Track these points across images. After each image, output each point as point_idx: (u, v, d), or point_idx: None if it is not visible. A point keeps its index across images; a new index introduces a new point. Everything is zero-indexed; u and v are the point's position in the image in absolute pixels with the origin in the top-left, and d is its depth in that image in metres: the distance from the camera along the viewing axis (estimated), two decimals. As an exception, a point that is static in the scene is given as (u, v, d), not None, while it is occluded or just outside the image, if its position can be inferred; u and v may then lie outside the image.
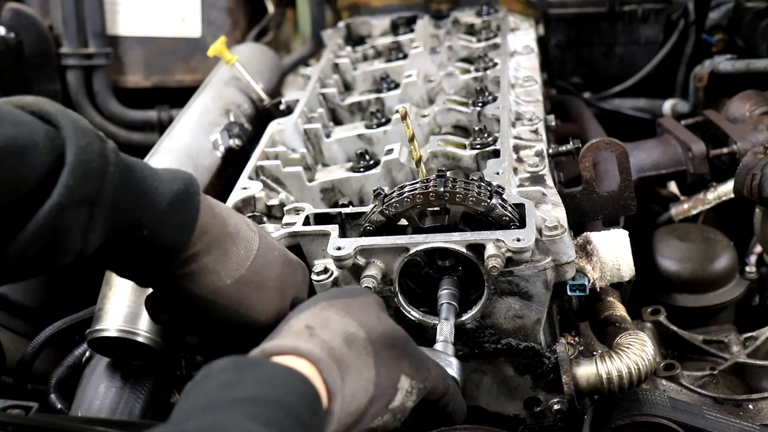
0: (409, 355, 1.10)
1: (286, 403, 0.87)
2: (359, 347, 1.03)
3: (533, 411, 1.41)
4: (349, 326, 1.04)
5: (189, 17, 2.99)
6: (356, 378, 1.01)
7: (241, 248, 1.21)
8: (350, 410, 1.00)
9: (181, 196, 1.13)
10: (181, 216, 1.14)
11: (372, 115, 1.87)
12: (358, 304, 1.09)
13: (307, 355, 0.96)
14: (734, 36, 2.72)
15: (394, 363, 1.07)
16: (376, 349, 1.05)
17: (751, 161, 1.76)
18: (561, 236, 1.30)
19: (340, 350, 1.00)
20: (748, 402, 1.55)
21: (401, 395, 1.07)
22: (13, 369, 1.63)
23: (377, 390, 1.03)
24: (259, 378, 0.89)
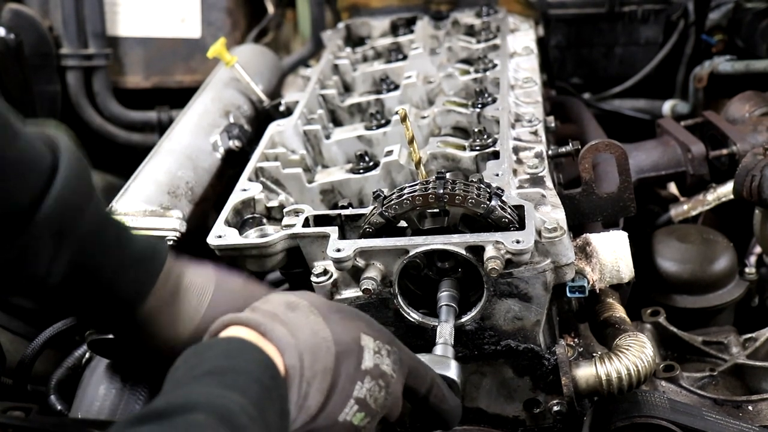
0: (362, 318, 1.11)
1: (243, 368, 0.92)
2: (303, 310, 1.06)
3: (533, 412, 1.41)
4: (289, 298, 1.08)
5: (189, 18, 2.99)
6: (310, 335, 1.02)
7: (193, 299, 1.21)
8: (317, 368, 1.00)
9: (147, 253, 1.18)
10: (143, 271, 1.17)
11: (372, 117, 1.87)
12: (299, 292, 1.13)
13: (247, 321, 1.02)
14: (734, 37, 2.72)
15: (347, 321, 1.07)
16: (322, 311, 1.07)
17: (750, 162, 1.76)
18: (560, 238, 1.31)
19: (284, 314, 1.04)
20: (748, 403, 1.55)
21: (369, 354, 1.05)
22: (13, 370, 1.63)
23: (339, 346, 1.03)
24: (216, 353, 0.95)
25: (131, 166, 1.82)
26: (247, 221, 1.57)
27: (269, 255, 1.43)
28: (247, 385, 0.89)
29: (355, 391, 1.03)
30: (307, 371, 1.00)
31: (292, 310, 1.05)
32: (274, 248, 1.42)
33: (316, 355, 1.01)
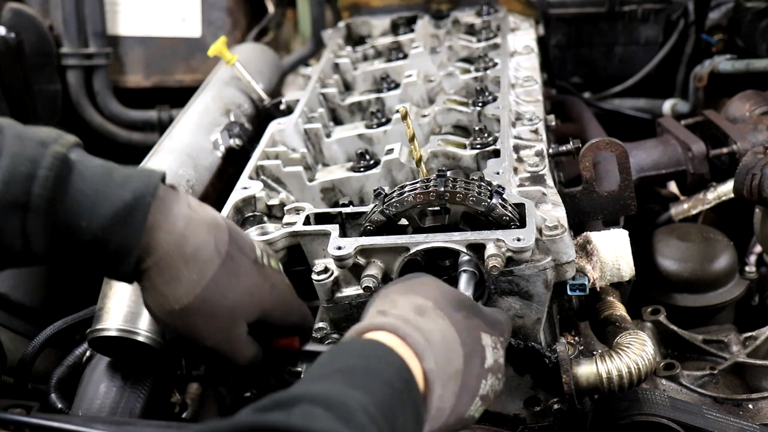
0: (479, 313, 1.14)
1: (373, 369, 0.94)
2: (431, 315, 1.07)
3: (533, 410, 1.41)
4: (415, 300, 1.08)
5: (189, 17, 2.99)
6: (442, 340, 1.04)
7: (194, 273, 1.14)
8: (450, 371, 1.04)
9: (126, 208, 1.09)
10: (125, 228, 1.09)
11: (372, 115, 1.87)
12: (418, 282, 1.14)
13: (385, 326, 1.02)
14: (734, 36, 2.72)
15: (469, 321, 1.10)
16: (447, 313, 1.08)
17: (750, 161, 1.76)
18: (561, 236, 1.31)
19: (415, 320, 1.04)
20: (748, 401, 1.56)
21: (490, 352, 1.10)
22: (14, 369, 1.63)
23: (466, 348, 1.07)
24: (349, 353, 0.98)
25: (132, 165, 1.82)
26: (248, 219, 1.57)
27: (270, 253, 1.43)
28: (375, 386, 0.91)
29: (480, 389, 1.08)
30: (442, 375, 1.02)
31: (421, 315, 1.06)
32: (274, 246, 1.42)
33: (449, 358, 1.04)
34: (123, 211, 1.08)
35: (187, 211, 1.16)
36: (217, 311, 1.17)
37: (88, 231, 1.07)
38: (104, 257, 1.10)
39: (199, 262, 1.15)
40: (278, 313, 1.27)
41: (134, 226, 1.09)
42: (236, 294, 1.18)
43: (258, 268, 1.23)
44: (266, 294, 1.23)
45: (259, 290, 1.22)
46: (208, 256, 1.15)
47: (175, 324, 1.18)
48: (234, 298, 1.18)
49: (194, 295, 1.15)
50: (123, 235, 1.09)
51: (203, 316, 1.17)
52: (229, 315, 1.19)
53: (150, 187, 1.11)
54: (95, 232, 1.08)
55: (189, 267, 1.14)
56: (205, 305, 1.16)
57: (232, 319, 1.20)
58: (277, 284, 1.27)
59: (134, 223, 1.09)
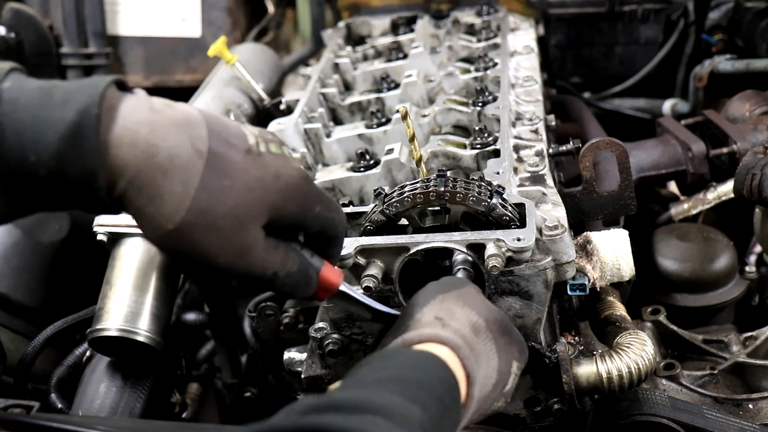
0: (516, 340, 1.16)
1: (428, 384, 0.92)
2: (483, 336, 1.09)
3: (533, 410, 1.41)
4: (471, 316, 1.09)
5: (189, 17, 2.99)
6: (486, 365, 1.07)
7: (176, 183, 0.96)
8: (482, 395, 1.06)
9: (72, 127, 0.91)
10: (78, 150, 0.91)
11: (372, 115, 1.87)
12: (468, 294, 1.14)
13: (448, 342, 1.02)
14: (734, 36, 2.72)
15: (508, 349, 1.13)
16: (495, 336, 1.10)
17: (750, 161, 1.76)
18: (561, 236, 1.31)
19: (471, 339, 1.06)
20: (748, 401, 1.56)
21: (512, 379, 1.14)
22: (14, 368, 1.63)
23: (499, 375, 1.10)
24: (404, 363, 0.96)
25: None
26: (248, 219, 1.57)
27: (270, 253, 1.43)
28: (429, 401, 0.90)
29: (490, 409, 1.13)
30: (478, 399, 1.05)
31: (476, 335, 1.08)
32: (274, 246, 1.42)
33: (485, 384, 1.07)
34: (69, 132, 0.91)
35: (148, 115, 0.97)
36: (218, 221, 0.98)
37: (41, 165, 0.91)
38: (71, 191, 0.94)
39: (179, 169, 0.96)
40: (293, 205, 1.05)
41: (87, 147, 0.91)
42: (234, 195, 0.99)
43: (253, 158, 1.02)
44: (269, 186, 1.02)
45: (260, 183, 1.01)
46: (186, 161, 0.96)
47: (178, 247, 0.99)
48: (233, 201, 0.99)
49: (185, 209, 0.96)
50: (79, 160, 0.92)
51: (202, 229, 0.98)
52: (234, 221, 0.99)
53: (94, 97, 0.93)
54: (48, 164, 0.91)
55: (169, 178, 0.95)
56: (201, 217, 0.97)
57: (239, 226, 1.00)
58: (282, 172, 1.04)
59: (86, 142, 0.91)
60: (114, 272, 1.55)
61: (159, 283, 1.55)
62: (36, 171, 0.92)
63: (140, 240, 1.59)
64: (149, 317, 1.50)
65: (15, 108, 0.92)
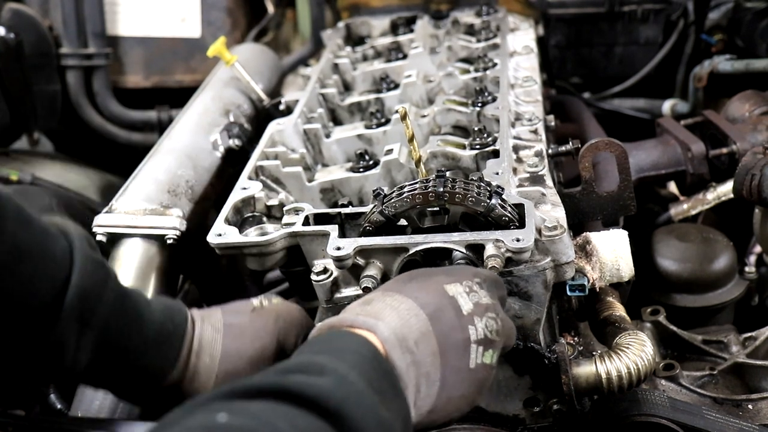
0: (438, 272, 1.14)
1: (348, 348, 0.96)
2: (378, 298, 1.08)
3: (533, 411, 1.41)
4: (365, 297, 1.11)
5: (189, 17, 2.99)
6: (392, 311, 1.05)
7: (206, 357, 1.26)
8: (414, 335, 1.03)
9: (168, 326, 1.22)
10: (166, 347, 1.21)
11: (372, 116, 1.87)
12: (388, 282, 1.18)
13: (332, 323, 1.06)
14: (734, 36, 2.72)
15: (424, 283, 1.10)
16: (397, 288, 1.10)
17: (750, 161, 1.76)
18: (560, 236, 1.31)
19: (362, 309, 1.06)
20: (748, 402, 1.55)
21: (464, 299, 1.09)
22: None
23: (427, 308, 1.06)
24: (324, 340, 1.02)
25: (131, 166, 1.82)
26: (247, 220, 1.57)
27: (269, 253, 1.43)
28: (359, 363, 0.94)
29: (471, 335, 1.06)
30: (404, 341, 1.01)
31: (368, 304, 1.08)
32: (274, 246, 1.42)
33: (408, 325, 1.03)
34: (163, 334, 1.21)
35: None
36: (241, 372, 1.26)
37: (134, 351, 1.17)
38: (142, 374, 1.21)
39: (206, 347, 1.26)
40: (293, 335, 1.34)
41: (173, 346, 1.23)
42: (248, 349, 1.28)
43: (257, 313, 1.33)
44: (271, 328, 1.32)
45: (264, 329, 1.31)
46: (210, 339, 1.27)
47: None
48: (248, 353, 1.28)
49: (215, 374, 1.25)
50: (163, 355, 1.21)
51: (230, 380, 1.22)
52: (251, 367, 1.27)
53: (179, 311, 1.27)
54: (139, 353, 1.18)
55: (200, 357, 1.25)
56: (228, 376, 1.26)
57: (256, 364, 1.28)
58: (281, 313, 1.35)
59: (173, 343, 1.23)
60: (113, 273, 1.54)
61: (158, 283, 1.55)
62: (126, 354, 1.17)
63: (139, 240, 1.59)
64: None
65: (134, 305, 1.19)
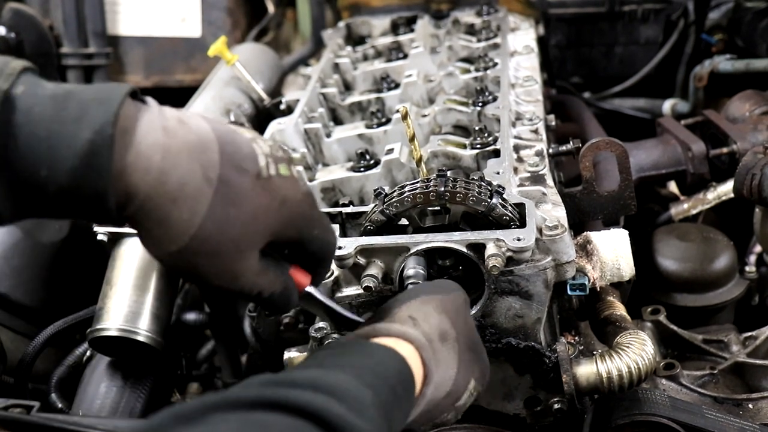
0: (480, 361, 1.20)
1: (383, 373, 0.98)
2: (450, 345, 1.14)
3: (533, 410, 1.41)
4: (444, 324, 1.14)
5: (189, 17, 2.99)
6: (444, 371, 1.12)
7: (184, 211, 0.98)
8: (434, 398, 1.11)
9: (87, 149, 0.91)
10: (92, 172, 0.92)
11: (372, 115, 1.87)
12: (452, 302, 1.18)
13: (414, 340, 1.08)
14: (734, 36, 2.72)
15: (470, 366, 1.17)
16: (460, 349, 1.15)
17: (750, 161, 1.76)
18: (561, 236, 1.31)
19: (436, 343, 1.12)
20: (748, 401, 1.56)
21: (466, 396, 1.17)
22: (14, 368, 1.64)
23: (454, 387, 1.14)
24: (362, 351, 1.03)
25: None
26: (248, 219, 1.57)
27: (270, 253, 1.43)
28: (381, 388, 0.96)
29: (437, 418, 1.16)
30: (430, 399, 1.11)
31: (443, 341, 1.13)
32: (275, 246, 1.42)
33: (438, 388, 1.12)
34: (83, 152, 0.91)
35: (162, 138, 0.97)
36: (220, 248, 1.01)
37: (52, 181, 0.92)
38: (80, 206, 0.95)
39: (188, 198, 0.98)
40: (293, 230, 1.08)
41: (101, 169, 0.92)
42: (238, 224, 1.01)
43: (262, 184, 1.03)
44: (273, 214, 1.05)
45: (264, 212, 1.04)
46: (196, 189, 0.98)
47: (177, 265, 1.03)
48: (237, 230, 1.02)
49: (189, 236, 0.99)
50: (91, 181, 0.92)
51: (204, 255, 1.01)
52: (234, 249, 1.03)
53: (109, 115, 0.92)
54: (60, 182, 0.92)
55: (178, 205, 0.97)
56: (204, 244, 1.00)
57: (237, 254, 1.04)
58: (289, 197, 1.06)
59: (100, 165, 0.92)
60: (114, 272, 1.55)
61: (159, 283, 1.55)
62: (46, 185, 0.92)
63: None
64: (149, 317, 1.50)
65: (29, 119, 0.92)
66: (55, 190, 0.92)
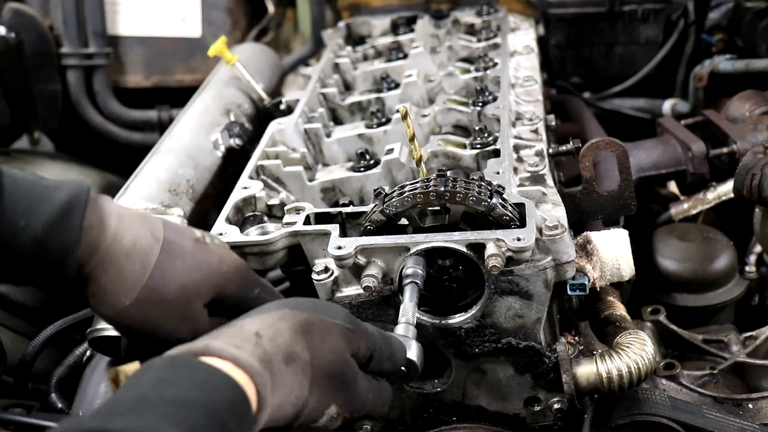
0: (347, 389, 1.09)
1: (214, 408, 0.88)
2: (297, 368, 1.03)
3: (533, 410, 1.41)
4: (296, 346, 1.03)
5: (189, 17, 2.99)
6: (286, 392, 1.01)
7: (136, 264, 1.14)
8: (275, 418, 1.01)
9: (64, 206, 1.10)
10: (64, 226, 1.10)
11: (372, 115, 1.87)
12: (320, 326, 1.07)
13: (246, 367, 0.95)
14: (734, 36, 2.72)
15: (329, 392, 1.07)
16: (315, 374, 1.05)
17: (750, 161, 1.76)
18: (561, 236, 1.31)
19: (278, 366, 1.00)
20: (748, 401, 1.56)
21: (326, 419, 1.09)
22: (14, 368, 1.63)
23: (305, 408, 1.04)
24: (192, 380, 0.90)
25: (132, 165, 1.82)
26: (248, 219, 1.57)
27: (270, 252, 1.43)
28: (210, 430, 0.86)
29: None
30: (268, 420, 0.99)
31: (287, 364, 1.01)
32: (275, 246, 1.42)
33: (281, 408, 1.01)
34: (60, 209, 1.10)
35: (117, 209, 1.18)
36: (168, 295, 1.15)
37: (27, 232, 1.08)
38: (45, 262, 1.10)
39: (140, 252, 1.15)
40: (234, 286, 1.22)
41: (72, 225, 1.10)
42: (183, 274, 1.17)
43: (200, 246, 1.21)
44: (214, 268, 1.21)
45: (206, 265, 1.20)
46: (146, 245, 1.16)
47: (130, 321, 1.16)
48: (182, 279, 1.17)
49: (141, 285, 1.14)
50: (62, 235, 1.09)
51: (154, 303, 1.15)
52: (181, 295, 1.16)
53: (83, 188, 1.14)
54: (34, 233, 1.08)
55: (131, 259, 1.14)
56: (154, 293, 1.15)
57: (185, 299, 1.17)
58: (225, 258, 1.23)
59: (72, 220, 1.10)
60: (114, 272, 1.54)
61: (159, 282, 1.55)
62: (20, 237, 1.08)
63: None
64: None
65: (13, 180, 1.10)
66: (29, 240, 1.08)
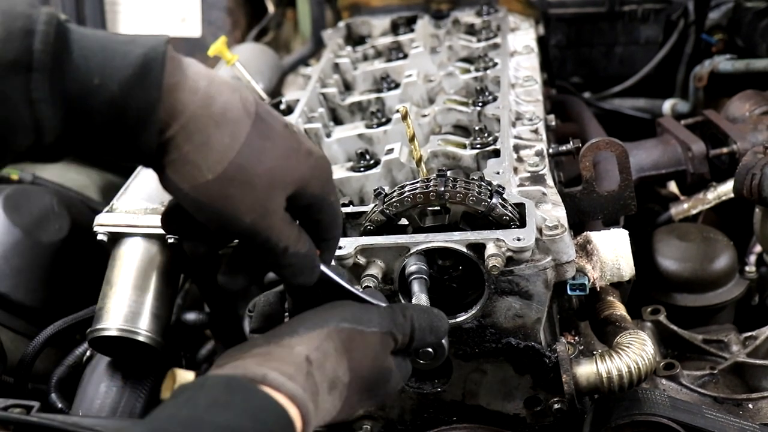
0: (377, 396, 1.11)
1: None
2: (336, 393, 1.03)
3: (533, 410, 1.41)
4: (340, 369, 1.03)
5: (189, 17, 2.99)
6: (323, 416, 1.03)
7: (226, 135, 0.99)
8: None
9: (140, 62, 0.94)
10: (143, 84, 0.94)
11: (372, 115, 1.87)
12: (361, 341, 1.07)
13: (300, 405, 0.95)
14: (734, 36, 2.72)
15: (358, 405, 1.08)
16: (349, 394, 1.05)
17: (750, 161, 1.76)
18: (561, 236, 1.31)
19: (322, 396, 1.01)
20: (748, 401, 1.55)
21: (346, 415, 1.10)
22: (14, 368, 1.64)
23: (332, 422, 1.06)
24: (246, 407, 0.89)
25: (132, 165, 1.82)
26: (248, 219, 1.57)
27: (270, 253, 1.43)
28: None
29: None
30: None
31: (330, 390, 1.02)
32: (275, 246, 1.42)
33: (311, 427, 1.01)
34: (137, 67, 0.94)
35: (206, 71, 1.02)
36: (255, 179, 1.01)
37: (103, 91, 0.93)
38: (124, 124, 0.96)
39: (230, 123, 1.00)
40: (317, 185, 1.09)
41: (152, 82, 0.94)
42: (273, 157, 1.03)
43: (290, 132, 1.07)
44: (303, 159, 1.07)
45: (295, 154, 1.06)
46: (238, 116, 1.01)
47: (207, 199, 1.00)
48: (271, 163, 1.02)
49: (228, 161, 0.99)
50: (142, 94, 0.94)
51: (239, 184, 1.00)
52: (268, 183, 1.02)
53: (161, 42, 0.97)
54: (111, 92, 0.93)
55: (220, 129, 0.99)
56: (240, 172, 1.00)
57: (271, 188, 1.03)
58: (314, 151, 1.09)
59: (151, 78, 0.94)
60: (114, 272, 1.55)
61: (159, 283, 1.55)
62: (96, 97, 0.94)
63: (141, 240, 1.59)
64: (149, 317, 1.50)
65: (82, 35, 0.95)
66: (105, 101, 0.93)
